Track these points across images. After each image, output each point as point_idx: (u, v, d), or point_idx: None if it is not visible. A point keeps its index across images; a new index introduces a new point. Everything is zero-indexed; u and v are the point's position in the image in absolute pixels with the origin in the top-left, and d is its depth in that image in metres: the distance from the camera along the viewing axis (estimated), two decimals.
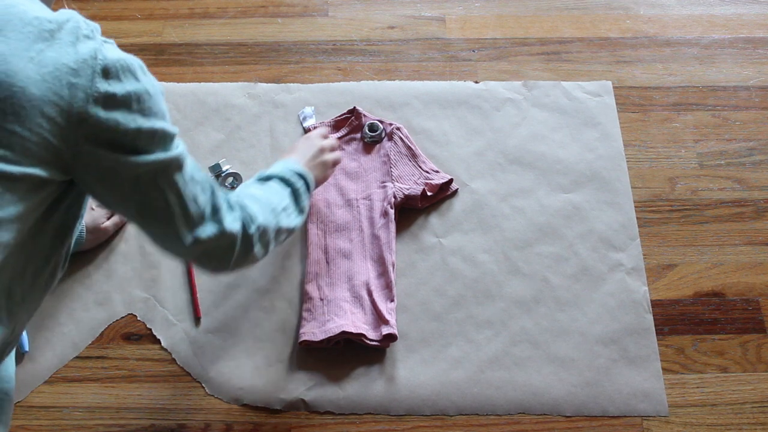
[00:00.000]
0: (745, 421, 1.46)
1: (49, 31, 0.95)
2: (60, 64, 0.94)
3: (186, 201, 1.10)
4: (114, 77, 0.98)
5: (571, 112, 1.82)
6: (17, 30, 0.94)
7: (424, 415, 1.47)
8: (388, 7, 2.03)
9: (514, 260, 1.63)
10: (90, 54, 0.96)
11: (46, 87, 0.93)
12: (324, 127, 1.68)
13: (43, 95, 0.92)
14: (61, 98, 0.93)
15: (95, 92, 0.96)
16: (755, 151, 1.77)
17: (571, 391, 1.49)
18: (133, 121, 1.00)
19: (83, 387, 1.49)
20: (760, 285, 1.61)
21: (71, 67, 0.94)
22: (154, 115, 1.03)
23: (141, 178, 1.04)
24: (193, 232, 1.13)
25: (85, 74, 0.95)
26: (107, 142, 0.99)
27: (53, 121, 0.94)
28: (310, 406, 1.48)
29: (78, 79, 0.95)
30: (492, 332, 1.55)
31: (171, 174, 1.07)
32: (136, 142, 1.02)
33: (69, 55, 0.95)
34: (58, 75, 0.93)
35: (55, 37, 0.95)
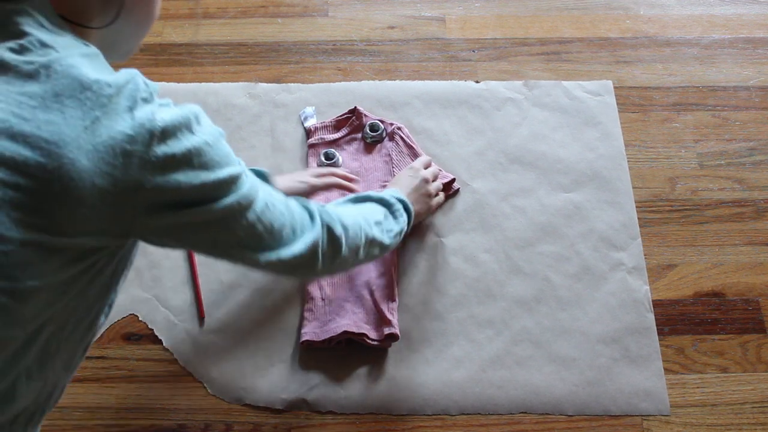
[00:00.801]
0: (745, 421, 1.46)
1: (107, 97, 0.91)
2: (115, 131, 0.90)
3: (260, 232, 1.08)
4: (171, 137, 0.94)
5: (571, 112, 1.83)
6: (75, 96, 0.90)
7: (426, 414, 1.47)
8: (388, 7, 2.03)
9: (515, 260, 1.63)
10: (147, 118, 0.92)
11: (99, 157, 0.89)
12: (426, 157, 1.67)
13: (95, 166, 0.89)
14: (114, 167, 0.90)
15: (153, 157, 0.92)
16: (755, 151, 1.78)
17: (572, 391, 1.49)
18: (196, 178, 0.97)
19: (83, 387, 1.49)
20: (760, 285, 1.61)
21: (127, 134, 0.90)
22: (217, 165, 1.00)
23: (210, 223, 1.02)
24: (270, 255, 1.11)
25: (142, 140, 0.91)
26: (168, 204, 0.96)
27: (106, 191, 0.90)
28: (311, 405, 1.48)
29: (134, 146, 0.91)
30: (493, 332, 1.55)
31: (242, 212, 1.05)
32: (202, 196, 0.99)
33: (125, 122, 0.91)
34: (113, 144, 0.90)
35: (112, 102, 0.91)
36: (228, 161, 1.02)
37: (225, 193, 1.01)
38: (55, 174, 0.87)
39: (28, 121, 0.87)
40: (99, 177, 0.89)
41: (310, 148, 1.76)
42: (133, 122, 0.91)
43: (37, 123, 0.87)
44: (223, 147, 1.02)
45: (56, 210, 0.89)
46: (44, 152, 0.87)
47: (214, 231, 1.03)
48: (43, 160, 0.87)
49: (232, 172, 1.02)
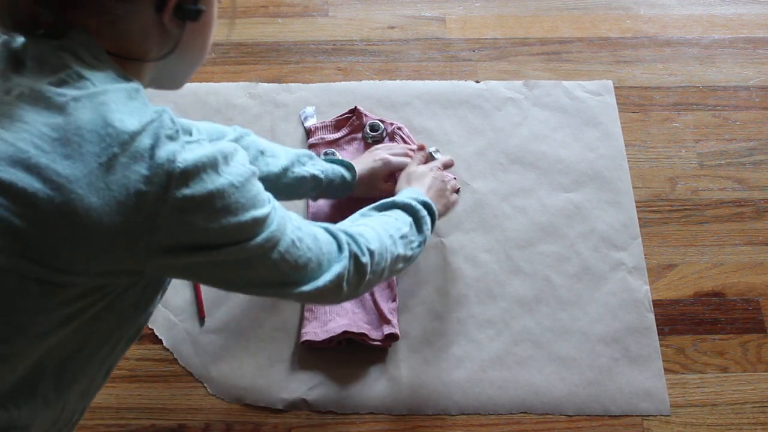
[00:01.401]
0: (745, 421, 1.46)
1: (129, 134, 0.88)
2: (131, 170, 0.88)
3: (282, 269, 1.05)
4: (194, 178, 0.91)
5: (572, 112, 1.83)
6: (96, 131, 0.88)
7: (426, 414, 1.47)
8: (388, 7, 2.03)
9: (515, 260, 1.63)
10: (168, 157, 0.89)
11: (110, 195, 0.87)
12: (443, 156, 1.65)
13: (105, 204, 0.87)
14: (127, 207, 0.87)
15: (171, 198, 0.89)
16: (755, 151, 1.78)
17: (573, 391, 1.49)
18: (217, 222, 0.94)
19: None
20: (760, 285, 1.61)
21: (143, 174, 0.88)
22: (242, 208, 0.97)
23: (229, 263, 0.99)
24: (292, 289, 1.09)
25: (159, 181, 0.88)
26: (186, 245, 0.94)
27: (116, 230, 0.88)
28: (312, 405, 1.48)
29: (150, 186, 0.88)
30: (494, 332, 1.55)
31: (264, 254, 1.02)
32: (222, 239, 0.96)
33: (144, 161, 0.88)
34: (126, 183, 0.87)
35: (135, 140, 0.89)
36: (254, 203, 0.99)
37: (248, 236, 0.99)
38: (62, 209, 0.86)
39: (47, 153, 0.86)
40: (109, 216, 0.87)
41: (310, 148, 1.76)
42: (152, 162, 0.88)
43: (54, 156, 0.86)
44: (251, 188, 0.99)
45: (61, 246, 0.87)
46: (54, 185, 0.85)
47: (235, 270, 1.01)
48: (52, 193, 0.85)
49: (258, 214, 0.99)
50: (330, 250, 1.14)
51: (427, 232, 1.36)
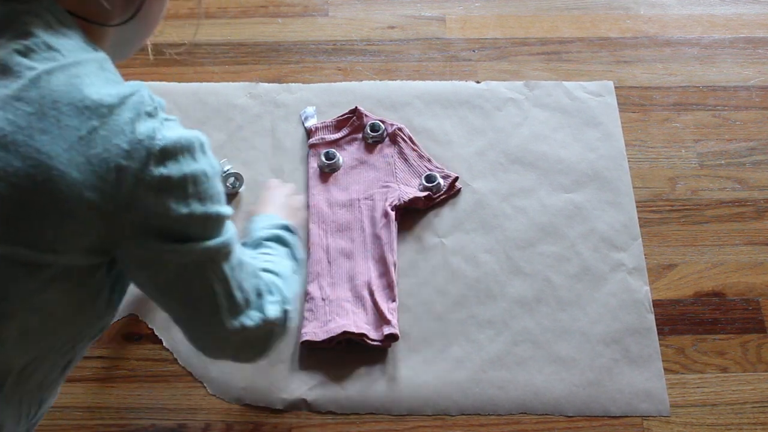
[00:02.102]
0: (745, 421, 1.46)
1: (108, 107, 0.87)
2: (111, 144, 0.86)
3: (232, 289, 1.02)
4: (171, 158, 0.90)
5: (572, 112, 1.82)
6: (73, 104, 0.86)
7: (426, 414, 1.47)
8: (388, 7, 2.03)
9: (515, 260, 1.63)
10: (147, 134, 0.88)
11: (90, 170, 0.85)
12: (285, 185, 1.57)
13: (85, 179, 0.85)
14: (106, 182, 0.86)
15: (148, 176, 0.88)
16: (755, 151, 1.78)
17: (572, 391, 1.49)
18: (186, 206, 0.92)
19: (83, 387, 1.49)
20: (760, 285, 1.61)
21: (123, 149, 0.87)
22: (209, 199, 0.95)
23: (188, 267, 0.97)
24: (236, 319, 1.04)
25: (139, 156, 0.87)
26: (155, 229, 0.92)
27: (96, 206, 0.87)
28: (311, 406, 1.47)
29: (129, 161, 0.87)
30: (494, 332, 1.55)
31: (219, 262, 0.99)
32: (187, 229, 0.94)
33: (124, 135, 0.87)
34: (107, 157, 0.86)
35: (114, 113, 0.88)
36: (220, 199, 0.98)
37: (211, 233, 0.97)
38: (44, 187, 0.84)
39: (23, 129, 0.84)
40: (90, 191, 0.86)
41: (310, 148, 1.76)
42: (132, 137, 0.88)
43: (31, 132, 0.84)
44: (218, 184, 0.98)
45: (43, 224, 0.86)
46: (34, 163, 0.84)
47: (190, 277, 0.98)
48: (32, 171, 0.84)
49: (222, 211, 0.98)
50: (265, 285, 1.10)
51: (299, 254, 1.29)
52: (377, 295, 1.55)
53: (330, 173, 1.73)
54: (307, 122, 1.80)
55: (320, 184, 1.72)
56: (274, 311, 1.08)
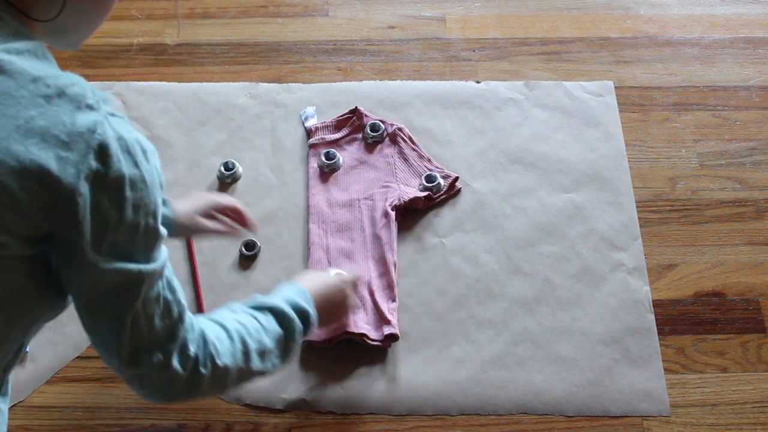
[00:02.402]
0: (745, 421, 1.46)
1: (45, 97, 0.86)
2: (50, 135, 0.85)
3: (139, 320, 0.97)
4: (109, 156, 0.87)
5: (572, 112, 1.83)
6: (9, 94, 0.85)
7: (426, 414, 1.47)
8: (388, 7, 2.03)
9: (515, 260, 1.63)
10: (88, 127, 0.86)
11: (29, 159, 0.83)
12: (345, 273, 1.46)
13: (22, 167, 0.83)
14: (46, 172, 0.84)
15: (87, 169, 0.86)
16: (755, 151, 1.78)
17: (572, 391, 1.49)
18: (118, 211, 0.90)
19: (83, 387, 1.49)
20: (760, 285, 1.61)
21: (62, 140, 0.85)
22: (143, 208, 0.92)
23: (105, 283, 0.93)
24: (135, 353, 0.99)
25: (78, 149, 0.85)
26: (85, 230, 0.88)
27: (34, 195, 0.85)
28: (311, 405, 1.47)
29: (69, 153, 0.85)
30: (494, 332, 1.55)
31: (139, 289, 0.95)
32: (115, 237, 0.91)
33: (63, 126, 0.85)
34: (46, 146, 0.84)
35: (52, 103, 0.86)
36: (155, 213, 0.95)
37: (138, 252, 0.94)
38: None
39: None
40: (28, 178, 0.84)
41: (310, 148, 1.76)
42: (72, 128, 0.86)
43: None
44: (157, 197, 0.95)
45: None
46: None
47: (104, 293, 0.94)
48: None
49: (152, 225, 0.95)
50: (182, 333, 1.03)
51: (294, 346, 1.22)
52: (377, 295, 1.55)
53: (330, 173, 1.73)
54: (307, 122, 1.80)
55: (320, 184, 1.72)
56: (179, 362, 1.02)
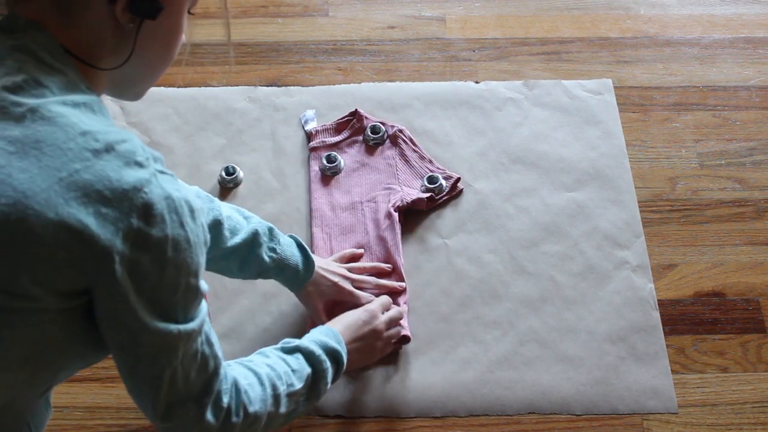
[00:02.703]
0: (745, 421, 1.46)
1: (93, 151, 0.84)
2: (92, 190, 0.83)
3: (176, 376, 0.97)
4: (153, 216, 0.86)
5: (572, 111, 1.83)
6: (57, 145, 0.83)
7: (435, 416, 1.46)
8: (388, 7, 2.03)
9: (519, 260, 1.63)
10: (134, 185, 0.85)
11: (68, 212, 0.82)
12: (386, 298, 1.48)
13: (60, 220, 0.81)
14: (83, 227, 0.82)
15: (127, 228, 0.84)
16: (755, 151, 1.78)
17: (580, 390, 1.49)
18: (159, 270, 0.88)
19: (83, 387, 1.48)
20: (760, 285, 1.61)
21: (105, 196, 0.83)
22: (185, 268, 0.91)
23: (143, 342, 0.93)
24: (170, 407, 0.99)
25: (121, 207, 0.84)
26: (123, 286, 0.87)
27: (70, 249, 0.83)
28: (319, 409, 1.46)
29: (110, 209, 0.83)
30: (500, 332, 1.55)
31: (177, 348, 0.95)
32: (155, 296, 0.90)
33: (110, 182, 0.84)
34: (87, 201, 0.82)
35: (99, 157, 0.84)
36: (197, 273, 0.94)
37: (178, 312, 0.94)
38: (20, 226, 0.81)
39: (2, 167, 0.82)
40: (66, 234, 0.82)
41: (311, 152, 1.76)
42: (118, 184, 0.84)
43: (10, 170, 0.82)
44: (201, 256, 0.94)
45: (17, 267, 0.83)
46: (9, 201, 0.81)
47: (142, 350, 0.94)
48: (7, 209, 0.80)
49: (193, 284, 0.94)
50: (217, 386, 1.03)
51: (324, 387, 1.22)
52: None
53: (332, 176, 1.72)
54: (307, 125, 1.80)
55: (322, 188, 1.71)
56: (213, 414, 1.02)
